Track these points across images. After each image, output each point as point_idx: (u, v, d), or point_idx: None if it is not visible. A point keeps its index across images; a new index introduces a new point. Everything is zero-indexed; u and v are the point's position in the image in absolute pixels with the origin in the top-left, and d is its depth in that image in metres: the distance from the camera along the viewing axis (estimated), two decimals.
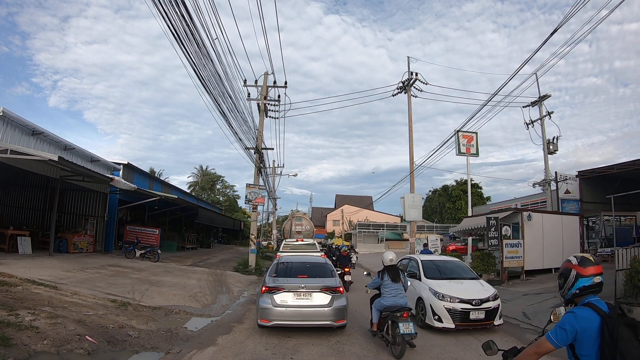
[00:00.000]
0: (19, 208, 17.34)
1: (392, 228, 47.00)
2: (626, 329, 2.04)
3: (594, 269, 2.27)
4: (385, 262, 6.53)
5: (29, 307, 6.11)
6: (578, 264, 2.32)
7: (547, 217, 14.38)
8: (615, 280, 7.52)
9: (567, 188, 18.96)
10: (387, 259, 6.55)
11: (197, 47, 9.49)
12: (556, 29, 10.65)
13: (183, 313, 7.89)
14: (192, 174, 56.63)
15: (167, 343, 5.90)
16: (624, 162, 15.29)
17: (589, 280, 2.25)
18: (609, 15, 9.56)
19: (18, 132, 12.13)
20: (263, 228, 49.31)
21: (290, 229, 31.59)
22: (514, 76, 13.89)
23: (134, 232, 18.53)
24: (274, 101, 18.05)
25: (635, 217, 16.43)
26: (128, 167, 19.74)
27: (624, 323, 2.06)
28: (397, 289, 6.19)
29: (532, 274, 13.21)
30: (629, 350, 1.97)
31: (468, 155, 19.88)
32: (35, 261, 11.18)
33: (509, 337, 6.98)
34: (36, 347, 4.67)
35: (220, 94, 12.34)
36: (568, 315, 2.22)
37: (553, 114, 18.76)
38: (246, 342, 6.18)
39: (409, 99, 18.58)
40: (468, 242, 16.83)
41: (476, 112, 17.77)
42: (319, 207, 69.50)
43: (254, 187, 17.20)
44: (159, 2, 7.33)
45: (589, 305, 2.17)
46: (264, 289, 6.67)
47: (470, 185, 21.21)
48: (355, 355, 5.72)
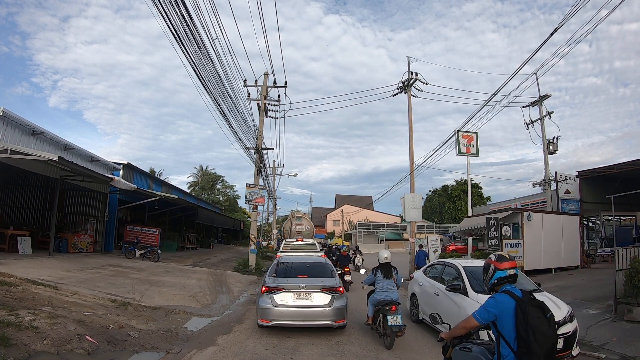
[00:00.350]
0: (19, 208, 17.33)
1: (392, 228, 47.00)
2: (535, 309, 2.61)
3: (508, 264, 2.92)
4: (381, 259, 6.89)
5: (29, 307, 6.11)
6: (496, 260, 2.99)
7: (547, 217, 14.37)
8: (615, 280, 7.51)
9: (567, 188, 18.96)
10: (382, 257, 6.91)
11: (197, 47, 9.49)
12: (556, 29, 10.65)
13: (183, 313, 7.88)
14: (192, 174, 56.69)
15: (167, 343, 5.90)
16: (624, 162, 15.30)
17: (504, 273, 2.89)
18: (609, 15, 9.55)
19: (18, 132, 12.13)
20: (263, 228, 49.30)
21: (290, 229, 31.56)
22: (514, 76, 13.88)
23: (134, 232, 18.53)
24: (274, 101, 18.05)
25: (635, 217, 16.45)
26: (128, 167, 19.74)
27: (533, 305, 2.62)
28: (389, 284, 6.58)
29: (532, 274, 13.17)
30: (537, 325, 2.54)
31: (468, 155, 19.89)
32: (35, 261, 11.18)
33: None
34: (36, 347, 4.67)
35: (220, 94, 12.35)
36: (490, 299, 2.79)
37: (553, 114, 18.76)
38: (246, 342, 6.18)
39: (409, 99, 18.57)
40: (468, 242, 16.80)
41: (476, 112, 17.78)
42: (319, 207, 69.53)
43: (254, 187, 17.20)
44: (159, 2, 7.33)
45: (506, 292, 2.76)
46: (264, 289, 6.67)
47: (470, 185, 21.21)
48: (355, 355, 5.72)
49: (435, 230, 42.18)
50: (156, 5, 7.29)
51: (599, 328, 6.92)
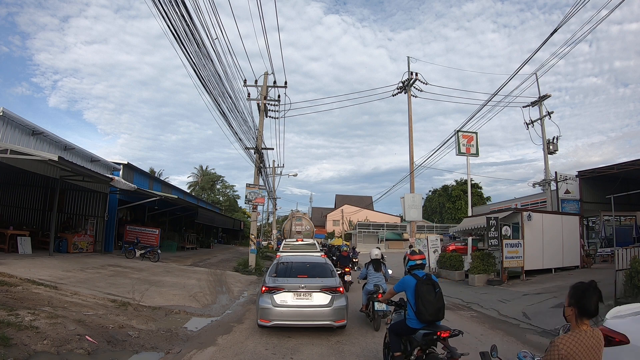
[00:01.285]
0: (19, 208, 17.32)
1: (392, 228, 47.03)
2: (426, 286, 4.17)
3: (417, 257, 4.56)
4: (372, 256, 8.05)
5: (29, 307, 6.11)
6: (409, 254, 4.65)
7: (547, 217, 14.38)
8: (615, 280, 7.52)
9: (567, 188, 18.96)
10: (373, 254, 8.08)
11: (197, 47, 9.50)
12: (556, 29, 10.65)
13: (183, 313, 7.89)
14: (192, 174, 56.67)
15: (167, 343, 5.90)
16: (624, 162, 15.31)
17: (414, 262, 4.52)
18: (609, 15, 9.56)
19: (18, 132, 12.13)
20: (263, 228, 49.29)
21: (290, 229, 31.57)
22: (514, 76, 13.90)
23: (134, 232, 18.52)
24: (274, 101, 18.06)
25: (635, 217, 16.45)
26: (128, 167, 19.74)
27: (427, 283, 4.20)
28: (378, 277, 7.79)
29: (532, 274, 13.21)
30: (426, 295, 4.10)
31: (468, 155, 19.87)
32: (35, 261, 11.18)
33: (509, 337, 6.98)
34: (36, 347, 4.67)
35: (220, 94, 12.36)
36: (402, 278, 4.47)
37: (553, 114, 18.79)
38: (246, 342, 6.18)
39: (409, 99, 18.58)
40: (468, 242, 16.81)
41: (476, 112, 17.79)
42: (319, 207, 69.50)
43: (254, 187, 17.20)
44: (159, 2, 7.33)
45: (412, 274, 4.37)
46: (264, 289, 6.67)
47: (470, 185, 21.20)
48: (355, 355, 5.72)
49: (435, 230, 42.21)
50: (156, 5, 7.29)
51: None
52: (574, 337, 2.19)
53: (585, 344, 2.16)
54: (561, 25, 10.47)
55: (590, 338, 2.20)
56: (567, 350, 2.14)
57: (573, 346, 2.15)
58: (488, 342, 6.51)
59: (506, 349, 6.19)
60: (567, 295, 2.30)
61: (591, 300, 2.18)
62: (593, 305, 2.19)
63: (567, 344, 2.16)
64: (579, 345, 2.15)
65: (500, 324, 8.04)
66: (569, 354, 2.13)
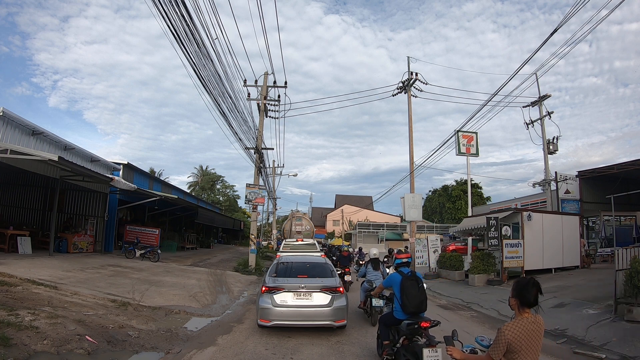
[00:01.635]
0: (19, 208, 17.32)
1: (392, 228, 46.95)
2: (410, 281, 4.73)
3: (403, 256, 5.26)
4: (370, 255, 8.55)
5: (29, 307, 6.11)
6: (396, 253, 5.52)
7: (547, 217, 14.37)
8: (615, 280, 7.51)
9: (567, 188, 18.96)
10: (371, 253, 8.56)
11: (197, 47, 9.49)
12: (556, 29, 10.65)
13: (183, 313, 7.88)
14: (192, 174, 56.61)
15: (167, 343, 5.90)
16: (624, 162, 15.32)
17: (400, 260, 5.17)
18: (609, 15, 9.56)
19: (18, 132, 12.12)
20: (263, 228, 49.27)
21: (290, 229, 31.54)
22: (514, 76, 13.89)
23: (134, 232, 18.52)
24: (274, 101, 18.05)
25: (635, 217, 16.44)
26: (128, 167, 19.73)
27: (410, 279, 4.76)
28: (376, 275, 8.16)
29: (532, 274, 13.18)
30: (409, 290, 4.66)
31: (468, 155, 19.86)
32: (35, 261, 11.18)
33: None
34: (36, 347, 4.67)
35: (220, 94, 12.35)
36: (389, 274, 5.17)
37: (553, 114, 18.77)
38: (246, 342, 6.18)
39: (409, 99, 18.58)
40: (468, 242, 16.80)
41: (476, 112, 17.78)
42: (319, 207, 69.44)
43: (254, 187, 17.19)
44: (159, 2, 7.33)
45: (399, 271, 5.00)
46: (264, 289, 6.67)
47: (470, 185, 21.19)
48: (355, 355, 5.72)
49: (435, 230, 42.15)
50: (156, 5, 7.29)
51: (599, 328, 6.92)
52: (517, 323, 2.55)
53: (527, 329, 2.53)
54: (561, 25, 10.47)
55: (531, 324, 2.55)
56: (512, 335, 2.51)
57: (517, 331, 2.52)
58: None
59: None
60: (511, 289, 2.67)
61: (530, 292, 2.55)
62: (532, 297, 2.54)
63: (512, 329, 2.53)
64: (521, 330, 2.52)
65: (501, 324, 7.96)
66: (514, 338, 2.50)
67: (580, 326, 7.19)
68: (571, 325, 7.32)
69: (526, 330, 2.53)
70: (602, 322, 7.18)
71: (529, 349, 2.52)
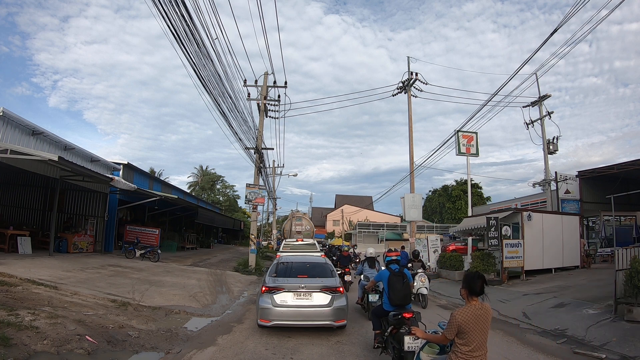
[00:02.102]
0: (19, 208, 17.32)
1: (392, 228, 46.97)
2: (397, 277, 5.32)
3: (392, 254, 6.04)
4: (367, 254, 9.13)
5: (29, 307, 6.11)
6: (387, 252, 6.49)
7: (547, 217, 14.37)
8: (615, 280, 7.51)
9: (567, 188, 18.95)
10: (368, 252, 9.14)
11: (197, 47, 9.49)
12: (556, 29, 10.65)
13: (183, 313, 7.88)
14: (192, 174, 56.61)
15: (167, 343, 5.90)
16: (624, 162, 15.31)
17: (390, 258, 5.88)
18: (609, 15, 9.56)
19: (18, 132, 12.12)
20: (263, 228, 49.27)
21: (290, 229, 31.53)
22: (514, 76, 13.90)
23: (134, 232, 18.52)
24: (274, 101, 18.05)
25: (635, 217, 16.43)
26: (128, 167, 19.73)
27: (397, 275, 5.36)
28: (372, 272, 8.57)
29: (532, 274, 13.20)
30: (395, 285, 5.26)
31: (468, 155, 19.85)
32: (35, 261, 11.18)
33: (509, 337, 6.98)
34: (36, 347, 4.67)
35: (220, 94, 12.35)
36: (380, 271, 5.80)
37: (553, 114, 18.78)
38: (246, 342, 6.18)
39: (409, 99, 18.58)
40: (468, 242, 16.80)
41: (476, 112, 17.78)
42: (319, 207, 69.43)
43: (254, 187, 17.19)
44: (159, 2, 7.33)
45: (388, 268, 5.61)
46: (264, 289, 6.67)
47: (470, 185, 21.19)
48: (355, 355, 5.72)
49: (435, 230, 42.16)
50: (156, 5, 7.29)
51: (599, 328, 6.92)
52: (466, 309, 3.05)
53: (475, 314, 3.01)
54: (561, 25, 10.47)
55: (479, 310, 3.03)
56: (462, 318, 3.00)
57: (466, 316, 3.00)
58: (488, 342, 6.50)
59: (506, 349, 6.20)
60: (462, 280, 3.17)
61: (477, 283, 3.05)
62: (478, 287, 3.05)
63: (462, 314, 3.02)
64: (470, 315, 3.00)
65: (500, 324, 8.04)
66: (463, 321, 2.99)
67: (580, 326, 7.19)
68: (571, 325, 7.32)
69: (474, 315, 3.00)
70: (602, 322, 7.18)
71: (477, 330, 3.01)
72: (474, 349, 3.02)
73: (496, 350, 6.04)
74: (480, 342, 3.04)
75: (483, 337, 3.06)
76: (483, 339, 3.07)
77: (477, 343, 3.02)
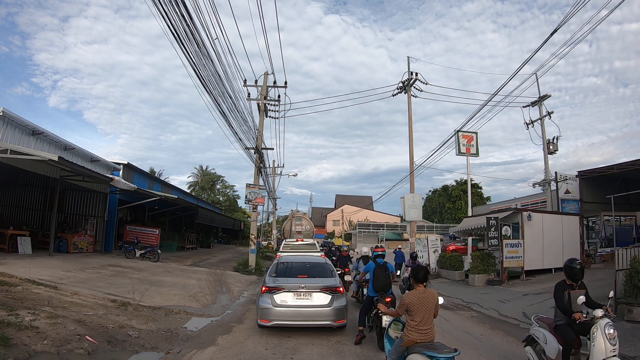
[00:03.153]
0: (19, 208, 17.32)
1: (392, 228, 47.00)
2: (380, 269, 6.53)
3: (379, 249, 7.03)
4: (361, 253, 9.88)
5: (29, 307, 6.11)
6: (374, 247, 7.95)
7: (547, 217, 14.37)
8: (616, 280, 7.51)
9: (567, 188, 18.93)
10: (362, 251, 9.89)
11: (197, 47, 9.49)
12: (556, 29, 10.65)
13: (183, 313, 7.88)
14: (192, 174, 56.61)
15: (167, 343, 5.90)
16: (624, 162, 15.28)
17: (377, 253, 6.90)
18: (609, 15, 9.56)
19: (18, 132, 12.12)
20: (263, 228, 49.27)
21: (290, 229, 31.56)
22: (514, 76, 13.91)
23: (134, 232, 18.52)
24: (274, 101, 18.05)
25: (635, 217, 16.42)
26: (128, 167, 19.73)
27: (381, 267, 6.56)
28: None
29: (532, 274, 13.20)
30: (379, 275, 6.48)
31: (468, 155, 19.85)
32: (35, 261, 11.18)
33: (509, 337, 6.97)
34: (36, 347, 4.67)
35: (220, 94, 12.35)
36: (368, 263, 7.20)
37: (553, 114, 18.76)
38: (246, 342, 6.18)
39: (409, 99, 18.59)
40: (468, 242, 16.81)
41: (476, 112, 17.78)
42: (319, 207, 69.46)
43: (254, 187, 17.20)
44: (159, 2, 7.33)
45: (375, 261, 6.72)
46: (264, 289, 6.67)
47: (470, 185, 21.19)
48: (355, 355, 5.72)
49: (435, 230, 42.16)
50: (156, 5, 7.29)
51: None
52: (413, 292, 4.00)
53: (419, 297, 3.93)
54: (561, 25, 10.48)
55: (423, 294, 3.97)
56: (409, 300, 3.92)
57: (412, 298, 3.93)
58: (488, 342, 6.52)
59: (506, 349, 6.20)
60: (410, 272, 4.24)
61: (420, 274, 4.06)
62: (421, 276, 4.05)
63: (409, 296, 3.96)
64: (415, 297, 3.93)
65: (501, 324, 8.04)
66: (410, 302, 3.91)
67: None
68: None
69: (419, 297, 3.94)
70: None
71: (421, 309, 3.89)
72: (419, 324, 3.85)
73: (496, 351, 6.04)
74: (425, 318, 3.86)
75: (427, 315, 3.89)
76: (428, 316, 3.88)
77: (421, 319, 3.85)
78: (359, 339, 6.21)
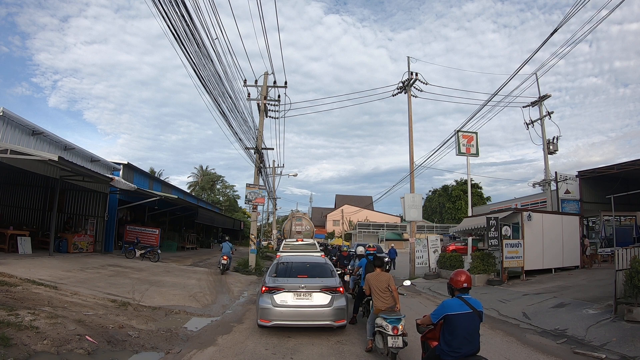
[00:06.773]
0: (19, 208, 17.32)
1: (392, 228, 47.04)
2: (371, 264, 6.80)
3: (370, 249, 8.43)
4: (357, 252, 9.96)
5: (29, 307, 6.11)
6: (367, 247, 8.83)
7: (547, 217, 14.36)
8: (615, 280, 7.50)
9: (567, 188, 18.94)
10: (358, 251, 9.95)
11: (197, 47, 9.48)
12: (556, 29, 10.65)
13: (183, 313, 7.88)
14: (192, 174, 56.60)
15: (167, 343, 5.90)
16: (624, 162, 15.31)
17: (369, 252, 8.25)
18: (609, 15, 9.55)
19: (18, 132, 12.12)
20: (263, 228, 49.26)
21: (290, 229, 31.54)
22: (514, 76, 13.89)
23: (134, 232, 18.52)
24: (274, 101, 18.04)
25: (635, 217, 16.43)
26: (128, 167, 19.73)
27: (370, 262, 7.08)
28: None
29: (532, 274, 13.20)
30: (370, 269, 6.55)
31: (468, 155, 19.84)
32: (35, 261, 11.18)
33: (509, 337, 6.97)
34: (36, 347, 4.67)
35: (220, 94, 12.34)
36: (362, 259, 8.50)
37: (553, 114, 18.76)
38: (246, 342, 6.18)
39: (409, 99, 18.57)
40: (468, 242, 16.80)
41: (476, 112, 17.77)
42: (319, 207, 69.46)
43: (254, 187, 17.19)
44: (159, 2, 7.33)
45: (367, 258, 7.88)
46: (264, 289, 6.67)
47: (470, 185, 21.18)
48: (355, 355, 5.72)
49: (435, 230, 42.20)
50: (156, 5, 7.28)
51: (599, 328, 6.92)
52: (373, 274, 5.91)
53: (377, 278, 5.79)
54: (561, 25, 10.47)
55: (380, 275, 5.85)
56: (371, 280, 5.81)
57: (372, 278, 5.82)
58: (488, 342, 6.51)
59: (506, 349, 6.20)
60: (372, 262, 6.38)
61: (376, 262, 6.21)
62: (378, 263, 6.14)
63: (371, 277, 5.86)
64: (374, 278, 5.81)
65: (501, 324, 8.04)
66: (371, 281, 5.78)
67: (580, 326, 7.19)
68: (571, 325, 7.32)
69: (377, 278, 5.78)
70: (602, 322, 7.17)
71: (378, 287, 5.67)
72: (376, 295, 5.64)
73: (496, 351, 6.04)
74: (381, 290, 5.62)
75: (383, 288, 5.63)
76: (384, 288, 5.63)
77: (377, 292, 5.64)
78: (354, 320, 7.51)
